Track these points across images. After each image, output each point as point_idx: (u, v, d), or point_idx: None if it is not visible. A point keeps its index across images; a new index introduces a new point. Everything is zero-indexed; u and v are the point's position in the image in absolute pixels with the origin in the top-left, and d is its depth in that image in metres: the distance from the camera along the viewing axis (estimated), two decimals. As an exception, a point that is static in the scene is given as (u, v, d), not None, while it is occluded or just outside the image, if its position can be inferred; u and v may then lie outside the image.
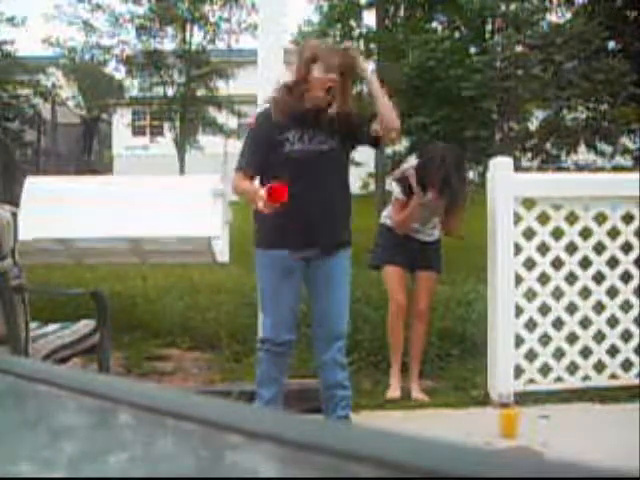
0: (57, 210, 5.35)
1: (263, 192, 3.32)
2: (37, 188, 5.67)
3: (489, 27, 13.21)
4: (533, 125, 12.17)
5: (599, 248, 4.93)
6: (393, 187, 4.86)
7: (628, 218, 4.97)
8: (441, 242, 4.98)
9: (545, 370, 4.85)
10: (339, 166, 3.81)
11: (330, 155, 3.71)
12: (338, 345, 3.80)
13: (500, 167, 4.89)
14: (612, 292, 4.94)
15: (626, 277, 4.95)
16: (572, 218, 4.93)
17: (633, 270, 4.95)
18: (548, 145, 11.63)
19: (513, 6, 12.42)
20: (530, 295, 4.84)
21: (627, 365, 4.93)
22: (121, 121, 26.51)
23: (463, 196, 4.68)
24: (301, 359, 4.80)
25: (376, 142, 3.84)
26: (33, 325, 3.88)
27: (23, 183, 5.66)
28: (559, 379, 4.87)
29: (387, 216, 4.96)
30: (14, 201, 4.96)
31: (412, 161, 4.88)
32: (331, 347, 3.79)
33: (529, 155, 11.60)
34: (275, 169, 3.61)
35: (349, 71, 3.68)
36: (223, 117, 23.14)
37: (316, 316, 3.88)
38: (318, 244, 3.73)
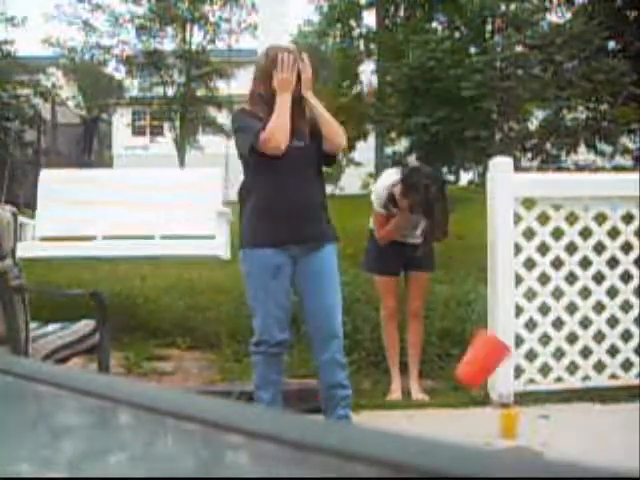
0: (73, 210, 5.87)
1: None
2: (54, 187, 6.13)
3: (489, 27, 13.22)
4: (533, 125, 12.17)
5: (599, 248, 4.93)
6: (373, 200, 4.80)
7: (628, 218, 4.97)
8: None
9: (545, 370, 4.85)
10: (314, 163, 3.83)
11: (305, 152, 3.75)
12: (336, 344, 3.77)
13: (500, 167, 4.89)
14: (612, 292, 4.94)
15: (626, 277, 4.95)
16: (572, 218, 4.93)
17: (633, 270, 4.95)
18: (548, 145, 11.63)
19: (513, 6, 12.42)
20: (530, 295, 4.84)
21: (627, 365, 4.93)
22: (121, 121, 26.48)
23: (446, 221, 4.64)
24: (301, 359, 4.80)
25: (328, 159, 3.87)
26: (33, 325, 3.88)
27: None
28: (559, 379, 4.87)
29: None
30: (14, 201, 4.96)
31: (390, 174, 4.82)
32: (329, 347, 3.76)
33: (529, 155, 11.59)
34: (257, 167, 3.73)
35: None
36: (223, 117, 23.12)
37: (307, 316, 3.86)
38: (303, 239, 3.74)
